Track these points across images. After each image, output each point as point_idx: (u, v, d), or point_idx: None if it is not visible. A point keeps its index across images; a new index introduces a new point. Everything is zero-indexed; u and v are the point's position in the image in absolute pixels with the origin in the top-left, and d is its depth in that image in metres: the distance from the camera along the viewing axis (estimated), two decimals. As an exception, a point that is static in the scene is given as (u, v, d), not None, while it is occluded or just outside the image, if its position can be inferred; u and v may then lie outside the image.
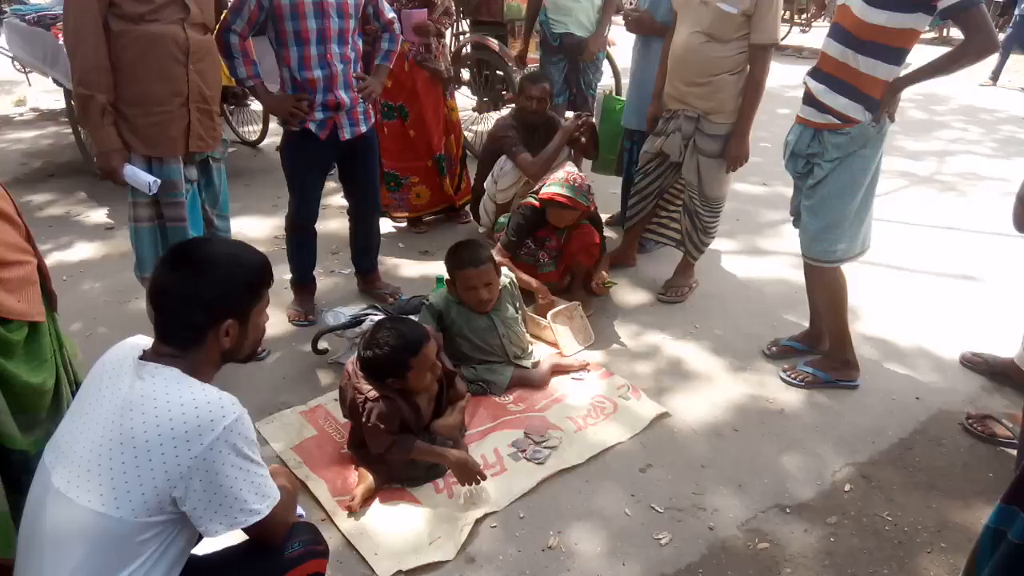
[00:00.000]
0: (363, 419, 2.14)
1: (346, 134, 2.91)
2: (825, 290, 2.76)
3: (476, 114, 5.60)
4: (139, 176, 2.37)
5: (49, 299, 1.67)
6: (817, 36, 9.26)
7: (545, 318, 3.05)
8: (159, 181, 2.40)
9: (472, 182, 4.15)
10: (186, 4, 2.32)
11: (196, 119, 2.46)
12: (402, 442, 2.17)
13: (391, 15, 3.02)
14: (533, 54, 4.59)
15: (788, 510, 2.21)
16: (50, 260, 3.39)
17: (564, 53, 4.06)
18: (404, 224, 4.22)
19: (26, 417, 1.57)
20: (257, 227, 4.16)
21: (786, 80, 8.18)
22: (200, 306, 1.37)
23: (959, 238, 4.28)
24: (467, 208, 4.26)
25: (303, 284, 3.22)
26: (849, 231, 2.61)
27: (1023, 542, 1.38)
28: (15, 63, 5.76)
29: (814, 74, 2.57)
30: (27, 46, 4.93)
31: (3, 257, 1.47)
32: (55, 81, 4.91)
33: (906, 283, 3.69)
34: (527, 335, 2.98)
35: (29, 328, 1.55)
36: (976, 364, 2.95)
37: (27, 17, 4.81)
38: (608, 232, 3.91)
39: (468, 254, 2.71)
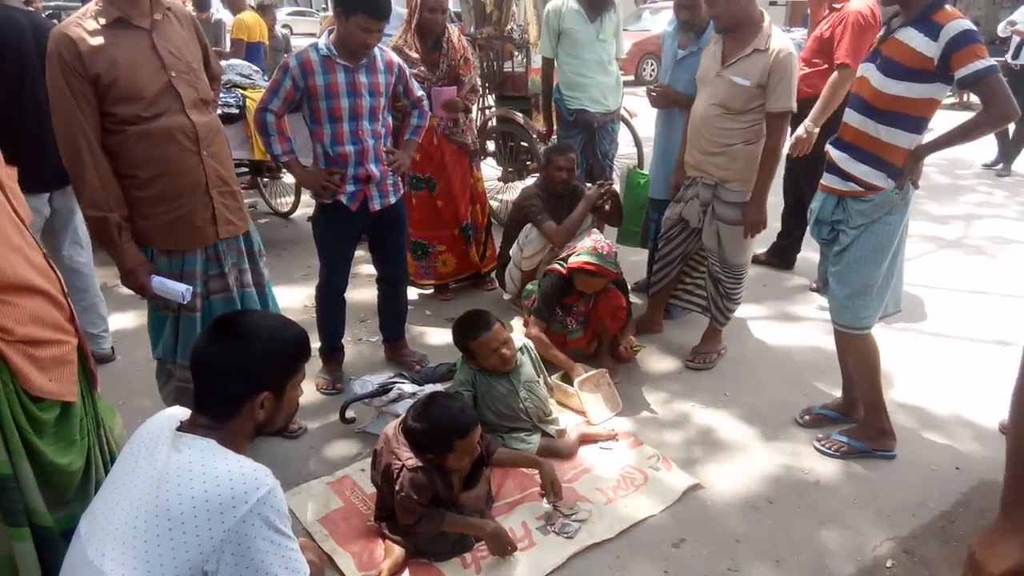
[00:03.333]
0: (396, 487, 2.13)
1: (376, 205, 2.99)
2: (857, 357, 2.73)
3: (501, 183, 5.72)
4: (169, 286, 2.27)
5: (89, 379, 1.70)
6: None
7: (573, 385, 3.03)
8: (191, 288, 2.31)
9: (498, 250, 4.21)
10: (177, 90, 2.21)
11: (220, 204, 2.37)
12: (432, 515, 2.14)
13: (420, 93, 3.14)
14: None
15: (829, 588, 2.13)
16: (87, 330, 3.47)
17: (580, 127, 4.17)
18: (430, 291, 4.27)
19: (54, 495, 1.58)
20: (288, 296, 4.23)
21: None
22: (239, 377, 1.40)
23: (991, 302, 4.22)
24: (493, 275, 4.31)
25: (332, 353, 3.25)
26: (878, 297, 2.60)
27: None
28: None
29: (836, 143, 2.60)
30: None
31: (39, 336, 1.50)
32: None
33: (939, 348, 3.63)
34: (550, 399, 2.96)
35: (61, 408, 1.56)
36: (1016, 432, 2.86)
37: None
38: (634, 298, 3.91)
39: (476, 322, 2.72)
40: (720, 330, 3.49)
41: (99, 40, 2.08)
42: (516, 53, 5.54)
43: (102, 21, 2.10)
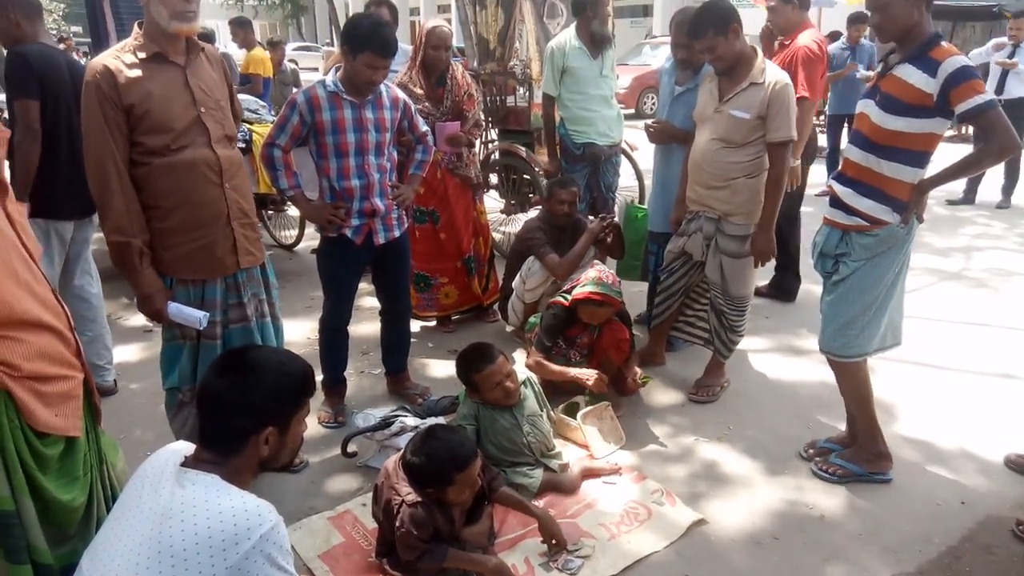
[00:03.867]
0: (396, 523, 2.12)
1: (380, 239, 3.02)
2: (848, 383, 2.76)
3: (504, 216, 5.77)
4: (186, 313, 2.31)
5: (93, 413, 1.70)
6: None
7: (576, 418, 3.03)
8: (208, 315, 2.35)
9: (500, 282, 4.23)
10: (205, 125, 2.30)
11: (241, 235, 2.44)
12: (434, 551, 2.13)
13: (424, 128, 3.19)
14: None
15: (835, 626, 2.11)
16: (90, 362, 3.47)
17: (587, 160, 4.22)
18: (433, 323, 4.28)
19: (55, 531, 1.58)
20: (291, 329, 4.23)
21: (808, 179, 8.30)
22: (245, 411, 1.40)
23: (994, 335, 4.21)
24: (495, 307, 4.33)
25: (334, 386, 3.25)
26: (868, 328, 2.62)
27: None
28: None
29: (839, 178, 2.63)
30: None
31: (45, 372, 1.51)
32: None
33: (943, 382, 3.62)
34: (552, 433, 2.95)
35: (66, 443, 1.57)
36: (1021, 466, 2.85)
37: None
38: (635, 330, 3.92)
39: (479, 355, 2.72)
40: (723, 363, 3.49)
41: (136, 72, 2.18)
42: (519, 88, 5.63)
43: (141, 55, 2.21)
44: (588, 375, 3.12)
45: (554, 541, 2.34)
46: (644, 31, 22.87)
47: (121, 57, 2.19)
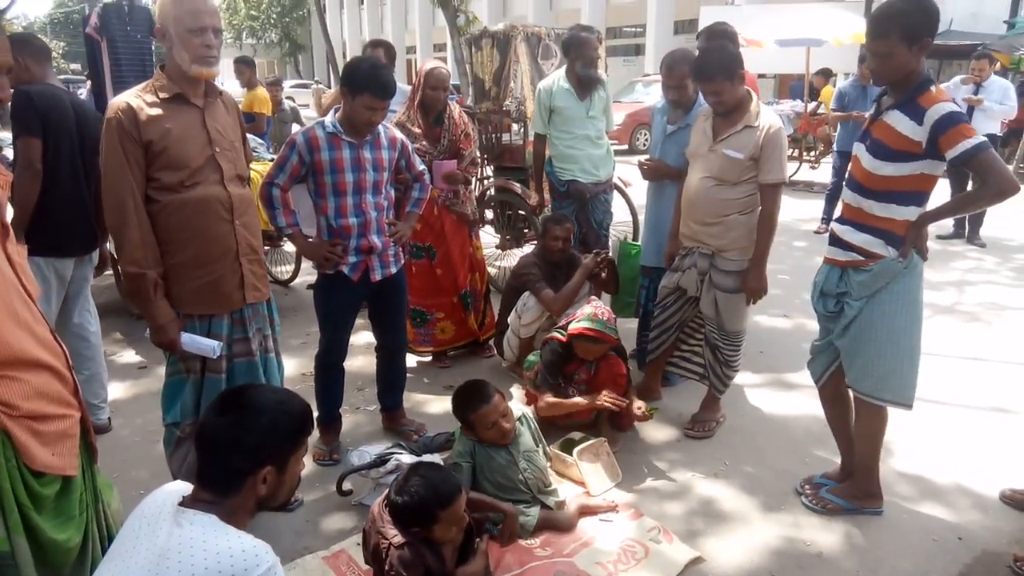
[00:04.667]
0: (386, 567, 2.10)
1: (377, 275, 3.04)
2: (869, 424, 2.71)
3: (499, 251, 5.81)
4: (199, 343, 2.36)
5: (89, 452, 1.70)
6: (826, 171, 9.60)
7: (572, 455, 3.02)
8: (222, 344, 2.41)
9: (496, 317, 4.25)
10: (219, 164, 2.38)
11: (249, 271, 2.49)
12: (429, 591, 2.11)
13: (421, 167, 3.23)
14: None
15: (835, 666, 2.09)
16: (85, 399, 3.46)
17: (571, 198, 4.28)
18: (428, 358, 4.28)
19: (50, 571, 1.56)
20: (287, 365, 4.21)
21: (800, 214, 8.43)
22: (243, 451, 1.41)
23: (987, 369, 4.24)
24: (491, 343, 4.34)
25: (330, 423, 3.25)
26: (910, 375, 2.57)
27: None
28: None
29: (838, 219, 2.67)
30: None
31: (43, 411, 1.51)
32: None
33: (937, 416, 3.62)
34: (549, 469, 2.94)
35: (62, 482, 1.57)
36: (1017, 501, 2.85)
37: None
38: (629, 366, 3.93)
39: (475, 394, 2.72)
40: (719, 398, 3.50)
41: (157, 111, 2.28)
42: (514, 126, 5.72)
43: (162, 95, 2.30)
44: (599, 396, 3.14)
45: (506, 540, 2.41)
46: (636, 69, 23.34)
47: (143, 96, 2.30)
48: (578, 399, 3.23)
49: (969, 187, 7.00)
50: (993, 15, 16.01)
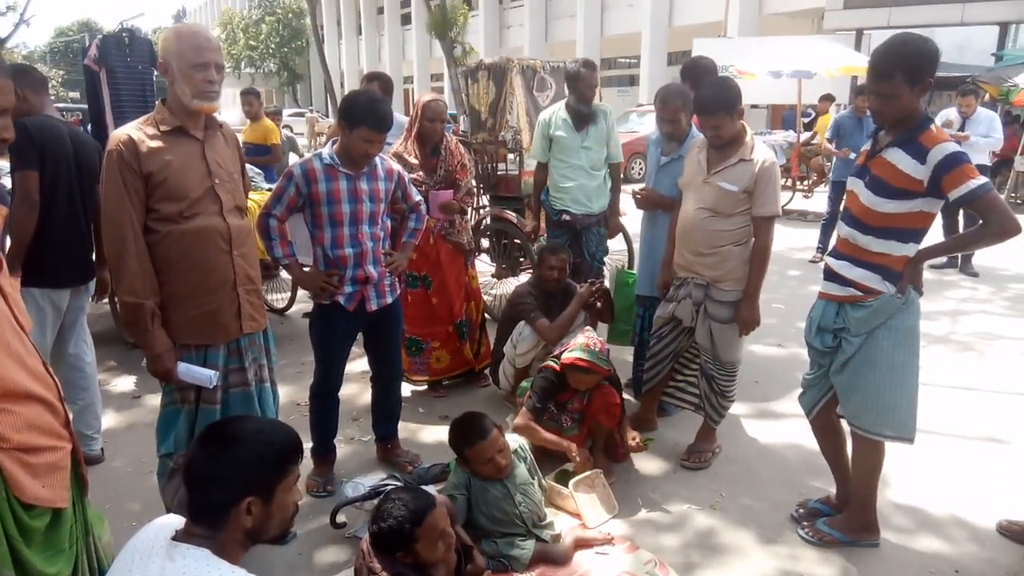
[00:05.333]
0: (379, 601, 2.07)
1: (373, 306, 3.05)
2: (866, 457, 2.70)
3: (495, 279, 5.83)
4: (196, 372, 2.36)
5: (80, 484, 1.69)
6: (819, 201, 9.69)
7: (567, 486, 3.00)
8: (218, 374, 2.41)
9: (491, 346, 4.24)
10: (218, 195, 2.40)
11: (246, 301, 2.50)
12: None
13: (418, 198, 3.26)
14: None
15: None
16: (77, 429, 3.43)
17: (564, 228, 4.32)
18: (424, 388, 4.27)
19: None
20: (281, 394, 4.20)
21: (793, 243, 8.48)
22: (219, 483, 1.40)
23: (981, 399, 4.24)
24: (487, 372, 4.33)
25: (324, 453, 3.23)
26: (897, 408, 2.56)
27: None
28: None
29: (833, 253, 2.68)
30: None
31: (34, 443, 1.50)
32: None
33: (932, 447, 3.61)
34: (544, 502, 2.92)
35: (52, 515, 1.55)
36: (1014, 532, 2.83)
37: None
38: (625, 395, 3.92)
39: (473, 429, 2.70)
40: (714, 428, 3.49)
41: (157, 143, 2.31)
42: (509, 156, 5.77)
43: (163, 128, 2.33)
44: (573, 451, 3.12)
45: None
46: (631, 99, 23.63)
47: (144, 129, 2.33)
48: (551, 436, 3.20)
49: (960, 220, 7.16)
50: (979, 47, 16.39)
